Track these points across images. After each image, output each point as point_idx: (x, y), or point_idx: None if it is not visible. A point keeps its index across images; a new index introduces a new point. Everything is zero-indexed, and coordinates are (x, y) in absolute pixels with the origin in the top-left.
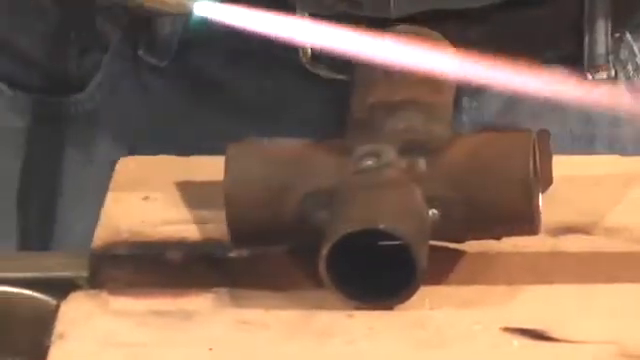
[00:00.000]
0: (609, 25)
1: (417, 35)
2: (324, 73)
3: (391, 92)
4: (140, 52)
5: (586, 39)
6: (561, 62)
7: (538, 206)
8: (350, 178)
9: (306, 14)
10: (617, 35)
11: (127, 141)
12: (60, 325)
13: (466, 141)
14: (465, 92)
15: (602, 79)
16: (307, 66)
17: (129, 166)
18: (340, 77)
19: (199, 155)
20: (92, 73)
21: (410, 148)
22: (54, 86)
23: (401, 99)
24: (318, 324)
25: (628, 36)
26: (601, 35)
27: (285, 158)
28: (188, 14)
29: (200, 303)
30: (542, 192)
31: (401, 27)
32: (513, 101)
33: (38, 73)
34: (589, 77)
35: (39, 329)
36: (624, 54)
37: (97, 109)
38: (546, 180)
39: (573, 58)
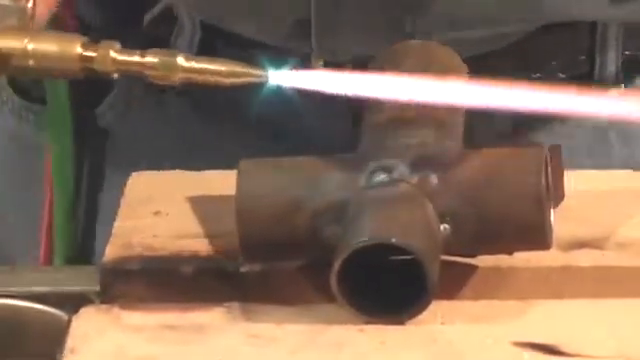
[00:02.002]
0: (620, 43)
1: (429, 51)
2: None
3: (403, 107)
4: None
5: (597, 57)
6: (573, 81)
7: (550, 221)
8: (362, 193)
9: (321, 63)
10: (628, 53)
11: (140, 159)
12: (71, 340)
13: (478, 156)
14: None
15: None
16: None
17: (140, 181)
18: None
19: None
20: (107, 90)
21: (422, 163)
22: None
23: (413, 114)
24: (329, 338)
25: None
26: (612, 53)
27: (297, 173)
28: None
29: (211, 317)
30: (554, 207)
31: (414, 42)
32: (526, 116)
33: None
34: None
35: (51, 343)
36: (635, 71)
37: (110, 126)
38: (558, 195)
39: (585, 77)
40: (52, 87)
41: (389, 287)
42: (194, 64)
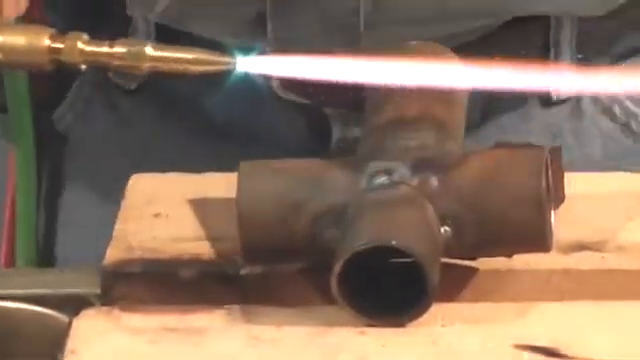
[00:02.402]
0: (574, 45)
1: (427, 50)
2: (293, 98)
3: (403, 109)
4: (110, 75)
5: (552, 57)
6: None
7: (550, 223)
8: (362, 195)
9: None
10: (581, 56)
11: (98, 162)
12: (72, 342)
13: (478, 158)
14: None
15: (567, 98)
16: (277, 91)
17: (140, 183)
18: (307, 102)
19: None
20: (63, 94)
21: (422, 165)
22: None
23: (413, 116)
24: (330, 341)
25: (593, 57)
26: (566, 56)
27: (297, 176)
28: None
29: (212, 320)
30: (554, 209)
31: (414, 43)
32: (483, 117)
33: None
34: (554, 96)
35: (51, 346)
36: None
37: (69, 127)
38: (558, 197)
39: None
40: (12, 90)
41: (389, 289)
42: (161, 53)
